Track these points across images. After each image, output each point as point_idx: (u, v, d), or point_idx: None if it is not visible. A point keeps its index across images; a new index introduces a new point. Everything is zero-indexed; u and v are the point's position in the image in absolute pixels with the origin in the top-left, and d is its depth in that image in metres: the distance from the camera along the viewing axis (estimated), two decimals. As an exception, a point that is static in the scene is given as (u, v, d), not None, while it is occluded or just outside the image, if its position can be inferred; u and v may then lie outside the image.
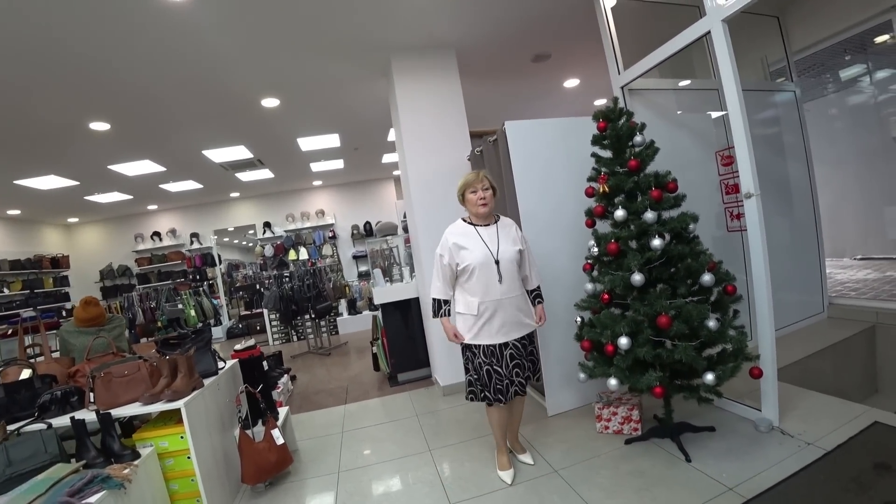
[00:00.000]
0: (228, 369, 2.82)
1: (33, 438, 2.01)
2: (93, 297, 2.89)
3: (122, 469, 1.95)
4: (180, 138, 5.37)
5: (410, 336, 4.48)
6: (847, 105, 5.44)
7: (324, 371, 5.54)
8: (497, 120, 3.21)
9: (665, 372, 2.28)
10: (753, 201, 2.42)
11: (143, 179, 6.75)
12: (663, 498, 2.09)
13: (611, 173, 2.51)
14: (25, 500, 1.70)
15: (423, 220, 3.89)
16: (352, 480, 2.70)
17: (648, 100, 3.40)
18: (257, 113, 4.90)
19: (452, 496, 2.38)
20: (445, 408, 3.66)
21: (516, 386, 2.33)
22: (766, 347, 2.45)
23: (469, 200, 2.37)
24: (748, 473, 2.14)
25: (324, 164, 7.80)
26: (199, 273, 9.34)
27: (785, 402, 2.59)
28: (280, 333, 7.98)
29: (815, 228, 4.04)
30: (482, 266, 2.27)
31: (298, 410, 4.07)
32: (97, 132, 4.65)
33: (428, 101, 3.95)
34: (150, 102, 4.21)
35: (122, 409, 2.23)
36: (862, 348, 3.69)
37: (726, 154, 3.39)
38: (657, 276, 2.36)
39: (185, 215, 9.62)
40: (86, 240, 9.51)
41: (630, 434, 2.69)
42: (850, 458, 2.13)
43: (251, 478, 2.56)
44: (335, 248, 9.68)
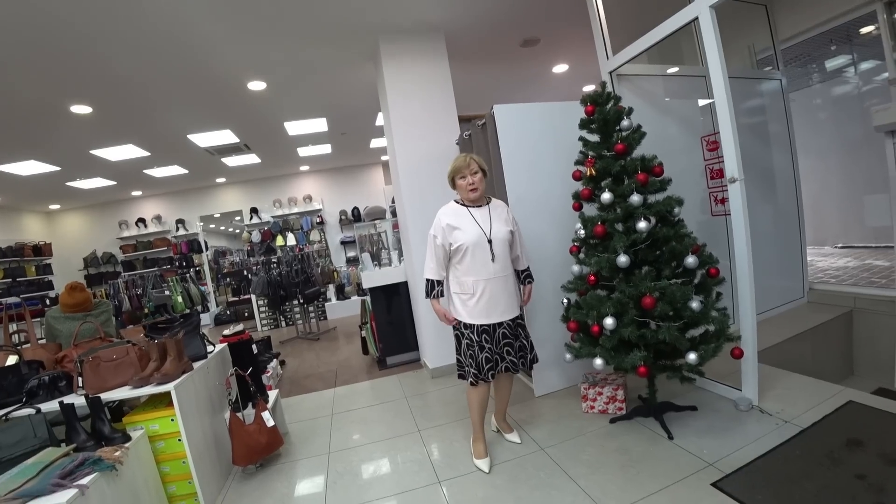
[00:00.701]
0: (218, 353, 2.83)
1: (22, 423, 2.01)
2: (78, 282, 2.86)
3: (113, 451, 1.95)
4: (165, 122, 5.27)
5: (399, 320, 4.51)
6: (831, 96, 5.51)
7: (313, 356, 5.56)
8: (486, 105, 3.21)
9: (649, 352, 2.33)
10: (737, 186, 2.46)
11: (126, 164, 6.62)
12: (646, 473, 2.15)
13: (598, 157, 2.54)
14: (16, 483, 1.70)
15: (411, 205, 3.89)
16: (342, 461, 2.74)
17: (636, 85, 3.42)
18: (243, 96, 4.83)
19: (441, 475, 2.43)
20: (434, 390, 3.70)
21: (507, 362, 2.37)
22: (747, 329, 2.52)
23: (459, 186, 2.39)
24: (728, 450, 2.22)
25: (311, 148, 7.72)
26: (185, 260, 9.25)
27: (764, 382, 2.68)
28: (268, 319, 7.96)
29: (797, 216, 4.12)
30: (475, 245, 2.29)
31: (288, 394, 4.09)
32: (78, 115, 4.54)
33: (416, 85, 3.93)
34: (132, 84, 4.12)
35: (112, 392, 2.22)
36: (840, 332, 3.81)
37: (712, 139, 3.43)
38: (642, 259, 2.41)
39: (170, 201, 9.47)
40: (68, 227, 9.33)
41: (615, 413, 2.75)
42: (825, 434, 2.21)
43: (242, 459, 2.58)
44: (323, 233, 9.63)
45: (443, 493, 2.26)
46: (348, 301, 8.18)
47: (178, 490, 2.34)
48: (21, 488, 1.69)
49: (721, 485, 1.97)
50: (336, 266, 9.04)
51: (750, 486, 1.93)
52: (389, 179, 8.04)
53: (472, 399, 2.44)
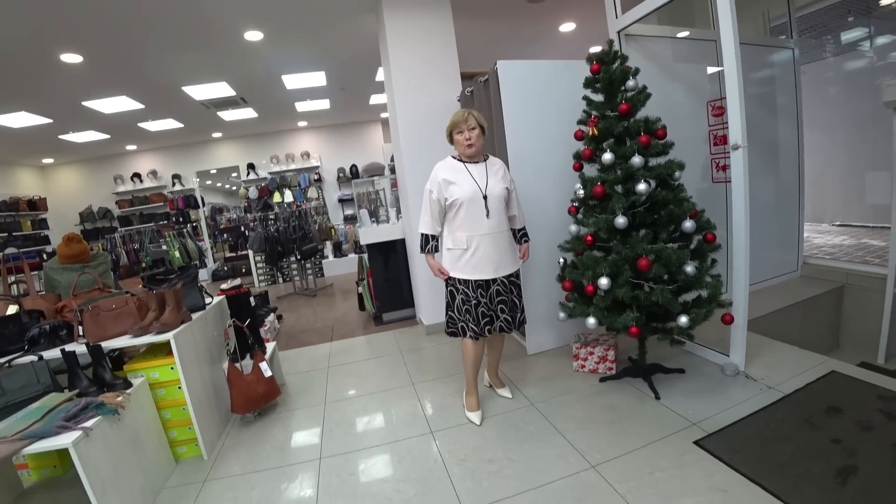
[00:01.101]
0: (216, 305, 2.86)
1: (25, 370, 2.05)
2: (76, 233, 2.87)
3: (115, 397, 2.00)
4: (158, 73, 5.12)
5: (396, 277, 4.54)
6: (844, 70, 5.37)
7: (310, 311, 5.62)
8: (489, 62, 3.13)
9: (642, 314, 2.37)
10: (740, 153, 2.44)
11: (120, 117, 6.49)
12: (632, 430, 2.23)
13: (601, 117, 2.50)
14: (23, 425, 1.76)
15: (410, 161, 3.84)
16: (338, 411, 2.82)
17: (645, 47, 3.34)
18: (240, 46, 4.68)
19: (434, 425, 2.51)
20: (428, 346, 3.78)
21: (501, 321, 2.39)
22: (739, 296, 2.55)
23: (457, 141, 2.38)
24: (712, 411, 2.29)
25: (309, 103, 7.56)
26: (182, 215, 9.20)
27: (752, 349, 2.74)
28: (266, 275, 8.00)
29: (798, 190, 4.11)
30: (470, 200, 2.29)
31: (285, 348, 4.17)
32: (69, 65, 4.41)
33: (418, 39, 3.81)
34: (124, 33, 3.98)
35: (112, 341, 2.26)
36: (829, 306, 3.87)
37: (717, 104, 3.37)
38: (640, 221, 2.41)
39: (165, 156, 9.34)
40: (63, 181, 9.22)
41: (605, 373, 2.83)
42: (806, 401, 2.28)
43: (240, 407, 2.65)
44: (321, 190, 9.56)
45: (435, 443, 2.34)
46: (345, 259, 8.21)
47: (178, 435, 2.41)
48: (27, 430, 1.74)
49: (703, 443, 2.04)
50: (334, 224, 9.02)
51: (730, 446, 2.00)
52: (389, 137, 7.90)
53: (467, 354, 2.48)
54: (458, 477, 2.04)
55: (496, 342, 2.64)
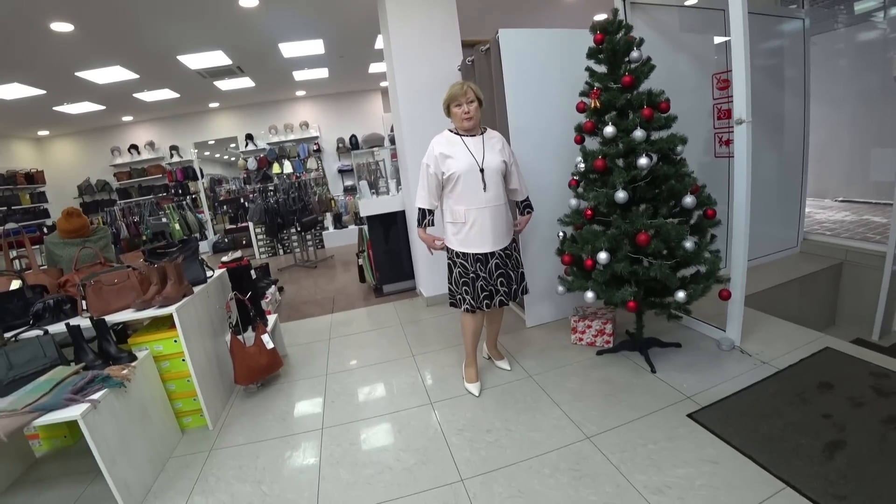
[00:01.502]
0: (217, 278, 2.88)
1: (31, 344, 2.07)
2: (75, 208, 2.86)
3: (120, 370, 2.05)
4: (152, 41, 5.00)
5: (396, 249, 4.55)
6: (855, 42, 5.20)
7: (310, 283, 5.66)
8: (491, 30, 3.05)
9: (640, 288, 2.38)
10: (744, 128, 2.40)
11: (115, 87, 6.38)
12: (627, 402, 2.27)
13: (604, 89, 2.45)
14: (31, 398, 1.80)
15: (410, 132, 3.79)
16: (339, 382, 2.88)
17: (650, 16, 3.24)
18: (235, 13, 4.55)
19: (433, 396, 2.56)
20: (428, 317, 3.82)
21: (501, 295, 2.41)
22: (737, 272, 2.56)
23: (454, 114, 2.35)
24: (706, 385, 2.33)
25: (307, 72, 7.43)
26: (181, 187, 9.15)
27: (748, 325, 2.76)
28: (266, 247, 8.01)
29: (801, 165, 4.04)
30: (467, 174, 2.29)
31: (287, 320, 4.21)
32: (60, 34, 4.30)
33: (418, 6, 3.69)
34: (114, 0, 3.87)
35: (115, 315, 2.28)
36: (827, 283, 3.88)
37: (723, 77, 3.30)
38: (641, 196, 2.39)
39: (162, 127, 9.23)
40: (60, 154, 9.14)
41: (602, 346, 2.86)
42: (799, 376, 2.31)
43: (243, 378, 2.71)
44: (320, 161, 9.48)
45: (434, 413, 2.40)
46: (345, 230, 8.21)
47: (184, 406, 2.47)
48: (37, 402, 1.79)
49: (696, 416, 2.09)
50: (333, 195, 8.98)
51: (723, 419, 2.04)
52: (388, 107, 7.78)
53: (467, 326, 2.51)
54: (456, 447, 2.10)
55: (495, 315, 2.66)
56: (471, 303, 2.39)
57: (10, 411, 1.74)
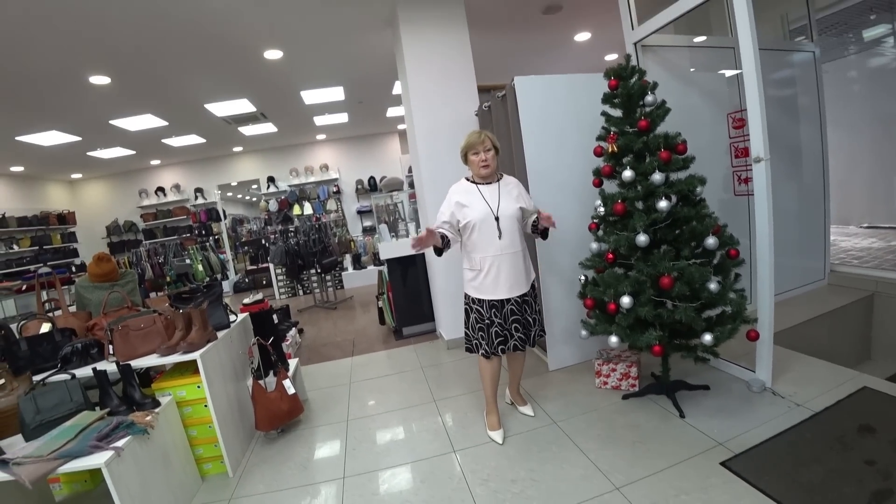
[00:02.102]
0: (239, 323, 2.91)
1: (59, 388, 2.10)
2: (105, 252, 2.94)
3: (144, 416, 2.06)
4: (182, 91, 5.28)
5: (415, 291, 4.56)
6: (867, 67, 5.24)
7: (330, 325, 5.67)
8: (505, 73, 3.14)
9: (665, 331, 2.34)
10: (762, 166, 2.40)
11: (145, 134, 6.68)
12: (656, 450, 2.19)
13: (620, 133, 2.49)
14: (57, 444, 1.81)
15: (429, 174, 3.87)
16: (360, 428, 2.84)
17: (661, 57, 3.31)
18: (260, 65, 4.79)
19: (456, 443, 2.51)
20: (449, 361, 3.78)
21: (515, 340, 2.40)
22: (764, 311, 2.50)
23: (472, 162, 2.41)
24: (738, 430, 2.24)
25: (328, 117, 7.69)
26: (204, 228, 9.40)
27: (779, 364, 2.67)
28: (286, 288, 8.11)
29: (822, 194, 3.99)
30: (482, 222, 2.33)
31: (307, 362, 4.21)
32: (97, 86, 4.57)
33: (435, 53, 3.85)
34: (150, 55, 4.12)
35: (140, 360, 2.32)
36: (859, 316, 3.74)
37: (738, 116, 3.32)
38: (662, 238, 2.38)
39: (188, 170, 9.57)
40: (90, 196, 9.52)
41: (628, 390, 2.79)
42: (837, 419, 2.22)
43: (264, 425, 2.69)
44: (339, 202, 9.67)
45: (457, 461, 2.34)
46: (364, 271, 8.27)
47: (204, 453, 2.45)
48: (62, 449, 1.80)
49: (730, 464, 2.00)
50: (353, 235, 9.11)
51: (759, 467, 1.95)
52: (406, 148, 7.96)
53: (485, 372, 2.50)
54: (481, 498, 2.04)
55: (516, 358, 2.62)
56: (486, 348, 2.40)
57: (35, 457, 1.76)
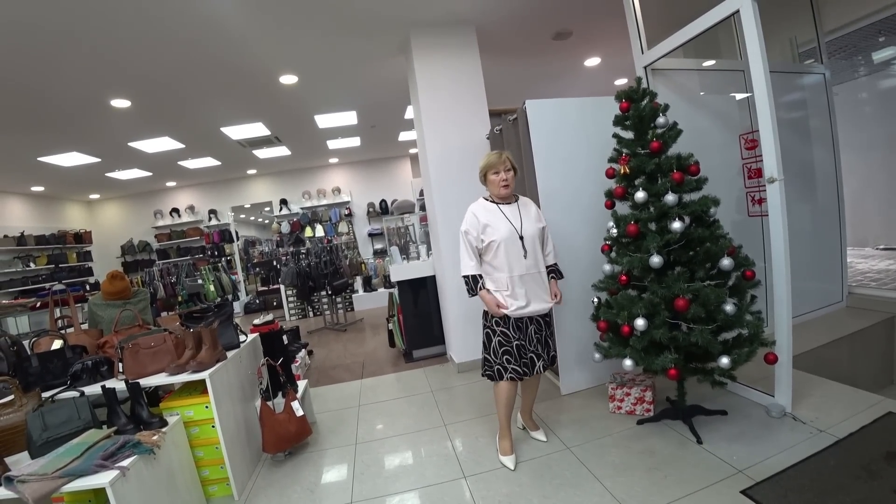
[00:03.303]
0: (249, 343, 2.90)
1: (67, 405, 2.09)
2: (119, 271, 2.98)
3: (151, 435, 2.04)
4: (199, 116, 5.41)
5: (426, 313, 4.54)
6: (878, 89, 5.24)
7: (340, 346, 5.65)
8: (516, 98, 3.18)
9: (680, 354, 2.29)
10: (776, 186, 2.38)
11: (162, 156, 6.84)
12: (673, 477, 2.12)
13: (632, 154, 2.49)
14: (63, 462, 1.79)
15: (440, 198, 3.89)
16: (368, 452, 2.79)
17: (672, 80, 3.33)
18: (275, 90, 4.90)
19: (466, 469, 2.45)
20: (460, 384, 3.72)
21: (543, 360, 2.38)
22: (782, 334, 2.44)
23: (491, 182, 2.40)
24: (758, 457, 2.17)
25: (340, 141, 7.81)
26: (217, 249, 9.50)
27: (798, 389, 2.60)
28: (297, 309, 8.12)
29: (837, 216, 3.95)
30: (507, 241, 2.31)
31: (316, 384, 4.18)
32: (118, 109, 4.70)
33: (447, 79, 3.92)
34: (169, 80, 4.24)
35: (150, 378, 2.31)
36: (880, 339, 3.64)
37: (750, 138, 3.32)
38: (676, 259, 2.36)
39: (203, 192, 9.74)
40: (107, 216, 9.70)
41: (642, 415, 2.72)
42: (862, 446, 2.14)
43: (272, 447, 2.65)
44: (351, 225, 9.74)
45: (467, 487, 2.28)
46: (375, 293, 8.27)
47: (210, 474, 2.42)
48: (67, 467, 1.78)
49: (751, 493, 1.93)
50: (364, 258, 9.14)
51: (781, 496, 1.88)
52: (417, 172, 8.06)
53: (501, 396, 2.43)
54: (491, 525, 1.98)
55: (531, 383, 2.58)
56: (515, 370, 2.34)
57: (40, 475, 1.74)
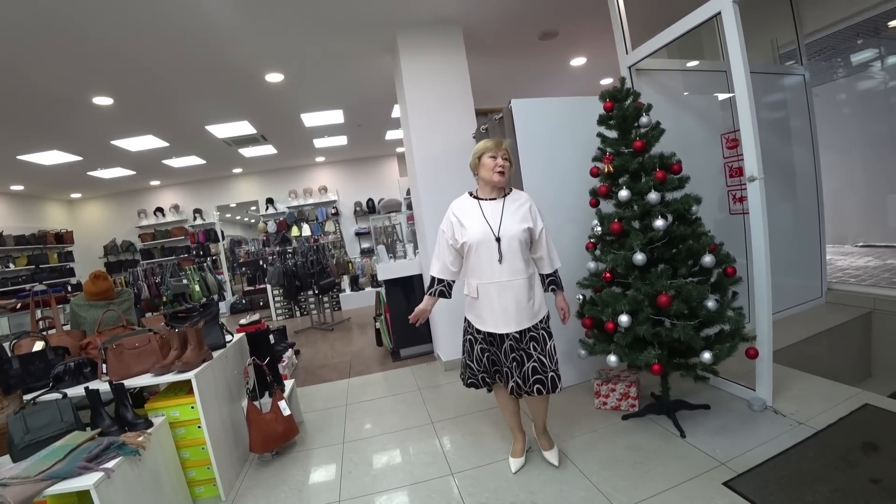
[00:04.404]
0: (236, 343, 2.88)
1: (49, 407, 2.07)
2: (102, 271, 2.94)
3: (136, 437, 2.02)
4: (183, 113, 5.35)
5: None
6: (856, 90, 5.36)
7: (327, 346, 5.62)
8: (503, 97, 3.20)
9: (663, 350, 2.33)
10: (756, 185, 2.43)
11: (145, 155, 6.74)
12: (658, 471, 2.16)
13: (616, 153, 2.52)
14: (46, 465, 1.77)
15: (427, 197, 3.90)
16: (356, 451, 2.79)
17: (655, 80, 3.38)
18: (261, 88, 4.86)
19: (454, 466, 2.46)
20: (447, 382, 3.73)
21: (514, 382, 2.09)
22: (763, 329, 2.50)
23: (485, 165, 2.10)
24: (740, 449, 2.21)
25: (327, 140, 7.78)
26: (202, 249, 9.39)
27: (779, 383, 2.66)
28: (283, 309, 8.06)
29: (817, 214, 4.05)
30: (480, 244, 2.06)
31: (303, 384, 4.16)
32: (100, 106, 4.63)
33: (434, 78, 3.93)
34: (153, 77, 4.18)
35: (134, 379, 2.28)
36: (858, 334, 3.75)
37: (731, 137, 3.38)
38: (659, 257, 2.40)
39: (187, 191, 9.62)
40: (89, 215, 9.54)
41: (627, 410, 2.76)
42: (840, 437, 2.20)
43: (259, 447, 2.64)
44: (338, 224, 9.70)
45: (455, 484, 2.29)
46: (362, 292, 8.25)
47: (197, 475, 2.40)
48: (50, 469, 1.76)
49: (733, 484, 1.97)
50: (350, 257, 9.11)
51: (762, 487, 1.92)
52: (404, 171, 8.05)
53: (498, 403, 2.38)
54: (479, 521, 1.99)
55: (534, 402, 2.27)
56: (485, 381, 2.19)
57: (23, 478, 1.71)
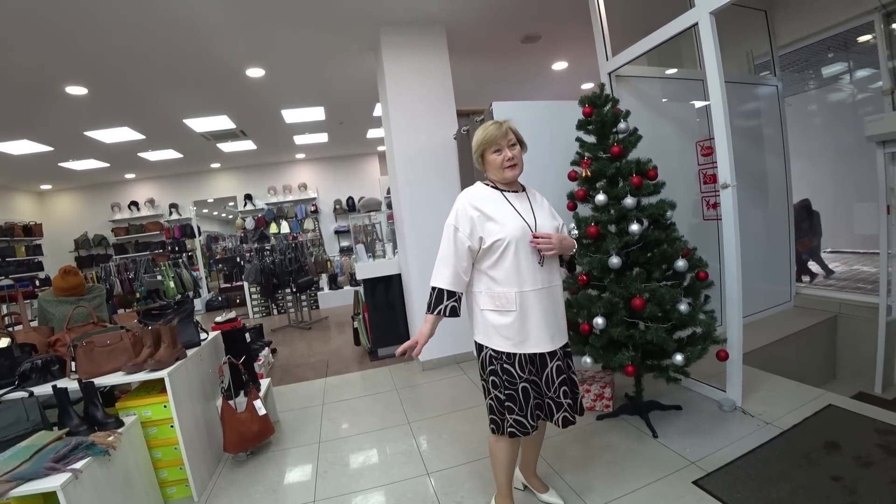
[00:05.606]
0: (211, 341, 2.84)
1: (15, 406, 2.01)
2: (72, 266, 2.86)
3: (106, 436, 1.97)
4: (161, 106, 5.23)
5: (391, 312, 4.54)
6: (827, 102, 5.53)
7: (304, 345, 5.58)
8: (484, 99, 3.22)
9: (637, 352, 2.38)
10: (729, 192, 2.50)
11: (120, 147, 6.56)
12: (630, 470, 2.21)
13: (594, 158, 2.57)
14: (10, 466, 1.72)
15: (407, 197, 3.90)
16: (332, 451, 2.77)
17: (634, 87, 3.44)
18: (241, 82, 4.79)
19: (430, 466, 2.47)
20: (424, 382, 3.74)
21: (565, 410, 1.74)
22: (733, 332, 2.58)
23: (490, 163, 1.76)
24: (710, 449, 2.28)
25: (308, 137, 7.70)
26: (177, 244, 9.19)
27: (748, 384, 2.75)
28: (260, 307, 7.96)
29: (787, 220, 4.18)
30: (519, 242, 1.67)
31: (279, 383, 4.11)
32: (74, 96, 4.50)
33: (416, 78, 3.92)
34: (130, 67, 4.08)
35: (105, 378, 2.23)
36: (824, 336, 3.89)
37: (706, 145, 3.46)
38: (634, 260, 2.44)
39: (163, 185, 9.40)
40: (60, 208, 9.24)
41: (602, 411, 2.81)
42: (804, 437, 2.28)
43: (233, 446, 2.61)
44: (317, 222, 9.61)
45: (431, 484, 2.30)
46: (341, 291, 8.18)
47: (169, 476, 2.36)
48: (15, 470, 1.71)
49: (702, 483, 2.03)
50: (329, 255, 9.03)
51: (730, 485, 1.98)
52: (385, 170, 8.04)
53: (500, 455, 1.82)
54: (454, 520, 2.01)
55: (539, 432, 1.92)
56: (519, 423, 1.67)
57: (-14, 480, 1.67)
